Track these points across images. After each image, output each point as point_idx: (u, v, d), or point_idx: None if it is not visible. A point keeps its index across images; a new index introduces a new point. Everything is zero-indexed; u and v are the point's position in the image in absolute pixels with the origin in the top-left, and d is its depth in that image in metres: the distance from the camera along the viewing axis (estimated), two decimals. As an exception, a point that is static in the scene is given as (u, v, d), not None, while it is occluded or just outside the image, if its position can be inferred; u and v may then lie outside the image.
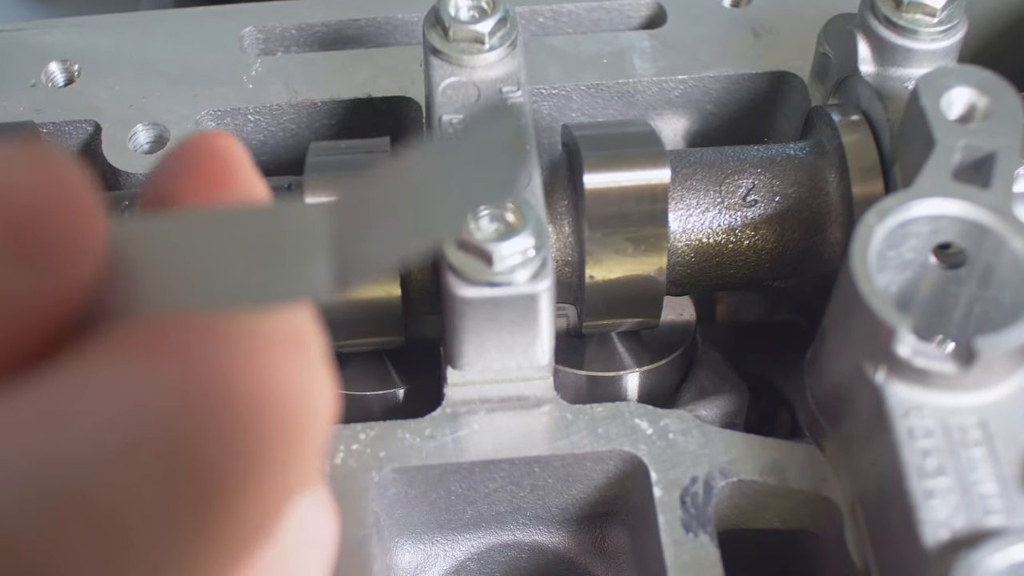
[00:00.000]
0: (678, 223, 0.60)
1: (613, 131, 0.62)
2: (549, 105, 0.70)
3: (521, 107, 0.29)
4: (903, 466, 0.47)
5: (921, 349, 0.48)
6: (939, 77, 0.55)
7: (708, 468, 0.54)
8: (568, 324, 0.64)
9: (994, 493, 0.46)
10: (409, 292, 0.59)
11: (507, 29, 0.60)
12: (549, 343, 0.55)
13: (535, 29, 0.75)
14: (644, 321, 0.62)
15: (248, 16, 0.74)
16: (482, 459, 0.55)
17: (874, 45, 0.61)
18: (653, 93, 0.70)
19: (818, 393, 0.55)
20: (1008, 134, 0.53)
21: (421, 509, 0.57)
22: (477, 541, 0.60)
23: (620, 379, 0.63)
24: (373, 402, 0.63)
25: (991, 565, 0.44)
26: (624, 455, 0.55)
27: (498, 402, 0.56)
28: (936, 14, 0.60)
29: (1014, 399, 0.48)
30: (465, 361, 0.56)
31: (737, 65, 0.70)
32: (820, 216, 0.61)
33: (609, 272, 0.59)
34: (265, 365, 0.28)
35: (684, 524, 0.52)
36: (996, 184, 0.52)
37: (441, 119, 0.58)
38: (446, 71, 0.60)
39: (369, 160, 0.59)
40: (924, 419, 0.48)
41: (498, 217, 0.52)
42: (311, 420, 0.29)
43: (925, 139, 0.53)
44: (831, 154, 0.61)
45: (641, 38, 0.71)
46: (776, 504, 0.55)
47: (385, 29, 0.75)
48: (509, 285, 0.51)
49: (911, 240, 0.52)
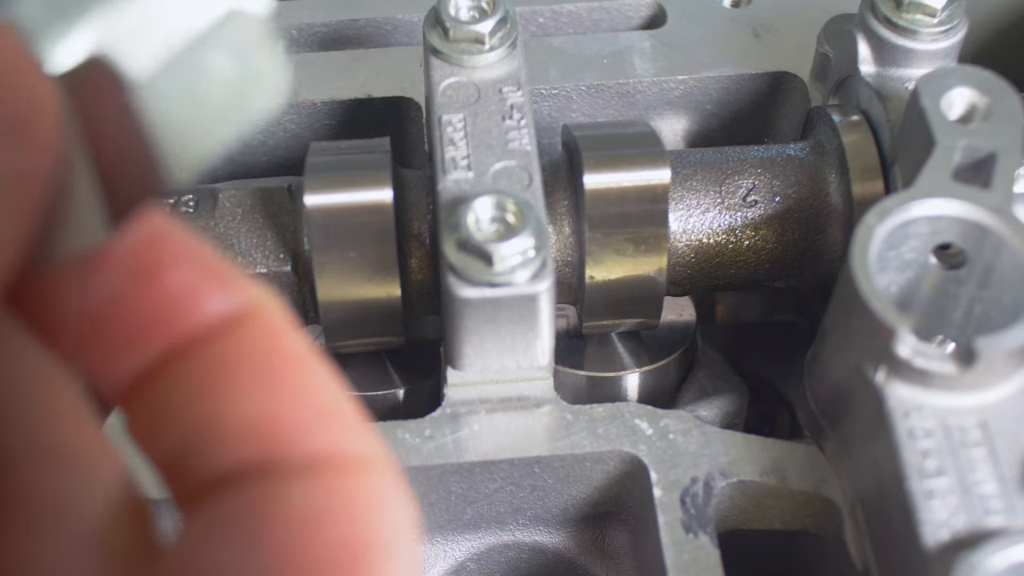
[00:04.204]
0: (678, 223, 0.60)
1: (613, 131, 0.62)
2: (549, 105, 0.70)
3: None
4: (903, 466, 0.47)
5: (921, 349, 0.48)
6: (939, 77, 0.55)
7: (708, 468, 0.54)
8: (568, 324, 0.64)
9: (994, 494, 0.46)
10: (409, 292, 0.59)
11: (507, 29, 0.60)
12: (549, 343, 0.55)
13: (535, 29, 0.75)
14: (644, 321, 0.62)
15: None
16: (482, 459, 0.55)
17: (874, 45, 0.61)
18: (653, 93, 0.70)
19: (818, 393, 0.55)
20: (1008, 134, 0.53)
21: (421, 509, 0.57)
22: (477, 541, 0.60)
23: (620, 379, 0.63)
24: (373, 402, 0.63)
25: (991, 566, 0.44)
26: (624, 455, 0.55)
27: (498, 402, 0.56)
28: (936, 14, 0.60)
29: (1014, 399, 0.48)
30: (465, 361, 0.56)
31: (737, 65, 0.70)
32: (820, 216, 0.61)
33: (609, 272, 0.59)
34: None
35: (684, 525, 0.52)
36: (996, 184, 0.52)
37: (441, 119, 0.58)
38: (446, 71, 0.60)
39: (369, 160, 0.59)
40: (924, 419, 0.48)
41: (498, 218, 0.53)
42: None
43: (925, 139, 0.53)
44: (831, 154, 0.61)
45: (641, 38, 0.71)
46: (776, 504, 0.55)
47: (385, 29, 0.75)
48: (509, 285, 0.51)
49: (911, 241, 0.52)
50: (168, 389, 0.29)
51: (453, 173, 0.56)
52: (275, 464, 0.29)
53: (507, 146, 0.57)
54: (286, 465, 0.29)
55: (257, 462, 0.29)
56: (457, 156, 0.56)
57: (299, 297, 0.60)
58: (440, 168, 0.56)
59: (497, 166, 0.56)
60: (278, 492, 0.28)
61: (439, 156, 0.56)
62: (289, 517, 0.28)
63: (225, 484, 0.28)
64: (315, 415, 0.29)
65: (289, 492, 0.28)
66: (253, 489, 0.28)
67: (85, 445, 0.28)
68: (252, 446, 0.29)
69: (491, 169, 0.56)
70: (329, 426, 0.30)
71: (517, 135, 0.57)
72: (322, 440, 0.29)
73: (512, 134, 0.57)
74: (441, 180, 0.55)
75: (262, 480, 0.28)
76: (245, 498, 0.28)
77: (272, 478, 0.28)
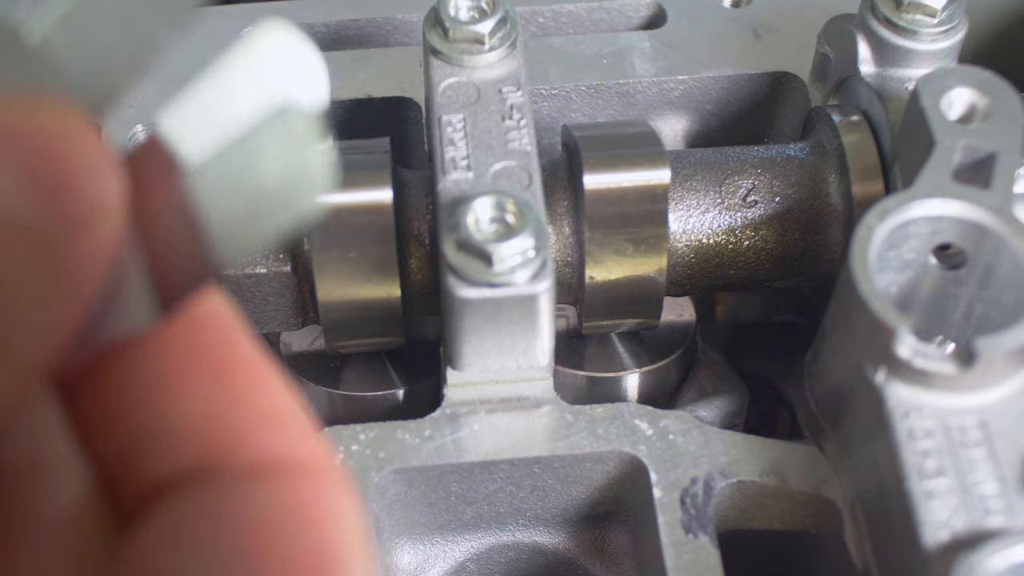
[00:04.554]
0: (678, 224, 0.60)
1: (613, 131, 0.62)
2: (549, 105, 0.70)
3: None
4: (903, 467, 0.47)
5: (921, 350, 0.48)
6: (939, 78, 0.55)
7: (708, 469, 0.54)
8: (568, 324, 0.64)
9: (994, 494, 0.46)
10: (409, 292, 0.59)
11: (507, 29, 0.60)
12: (549, 344, 0.55)
13: (535, 29, 0.75)
14: (644, 322, 0.62)
15: (248, 16, 0.74)
16: (482, 460, 0.55)
17: (874, 45, 0.61)
18: (653, 93, 0.70)
19: (818, 393, 0.55)
20: (1008, 134, 0.53)
21: (421, 510, 0.57)
22: (477, 542, 0.60)
23: (620, 380, 0.63)
24: (373, 403, 0.63)
25: (991, 566, 0.44)
26: (624, 456, 0.55)
27: (498, 403, 0.56)
28: (936, 14, 0.60)
29: (1014, 400, 0.48)
30: (465, 362, 0.56)
31: (737, 65, 0.70)
32: (820, 217, 0.61)
33: (609, 273, 0.59)
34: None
35: (684, 525, 0.52)
36: (996, 185, 0.52)
37: (441, 119, 0.58)
38: (446, 71, 0.60)
39: (369, 160, 0.59)
40: (924, 420, 0.48)
41: (498, 218, 0.53)
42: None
43: (925, 139, 0.53)
44: (831, 155, 0.61)
45: (641, 38, 0.71)
46: (776, 505, 0.55)
47: (385, 29, 0.75)
48: (509, 286, 0.51)
49: (911, 241, 0.52)
50: (113, 386, 0.29)
51: (453, 173, 0.56)
52: (222, 466, 0.29)
53: (507, 146, 0.57)
54: (234, 468, 0.29)
55: (203, 464, 0.29)
56: (457, 156, 0.56)
57: (299, 297, 0.60)
58: (440, 168, 0.56)
59: (497, 166, 0.56)
60: (233, 496, 0.28)
61: (439, 156, 0.56)
62: (247, 521, 0.28)
63: (174, 487, 0.28)
64: (263, 417, 0.29)
65: (243, 496, 0.28)
66: (208, 492, 0.28)
67: (58, 451, 0.28)
68: (197, 447, 0.29)
69: (491, 169, 0.56)
70: (278, 429, 0.30)
71: (517, 135, 0.57)
72: (270, 443, 0.29)
73: (512, 134, 0.57)
74: (441, 180, 0.55)
75: (215, 483, 0.28)
76: (202, 500, 0.28)
77: (223, 481, 0.28)
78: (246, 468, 0.29)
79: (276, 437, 0.29)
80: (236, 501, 0.28)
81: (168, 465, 0.29)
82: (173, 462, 0.29)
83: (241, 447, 0.29)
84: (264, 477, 0.29)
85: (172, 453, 0.29)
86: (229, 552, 0.28)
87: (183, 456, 0.29)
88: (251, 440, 0.29)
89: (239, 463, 0.29)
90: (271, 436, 0.29)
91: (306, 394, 0.64)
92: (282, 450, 0.29)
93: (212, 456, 0.29)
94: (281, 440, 0.29)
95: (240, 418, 0.29)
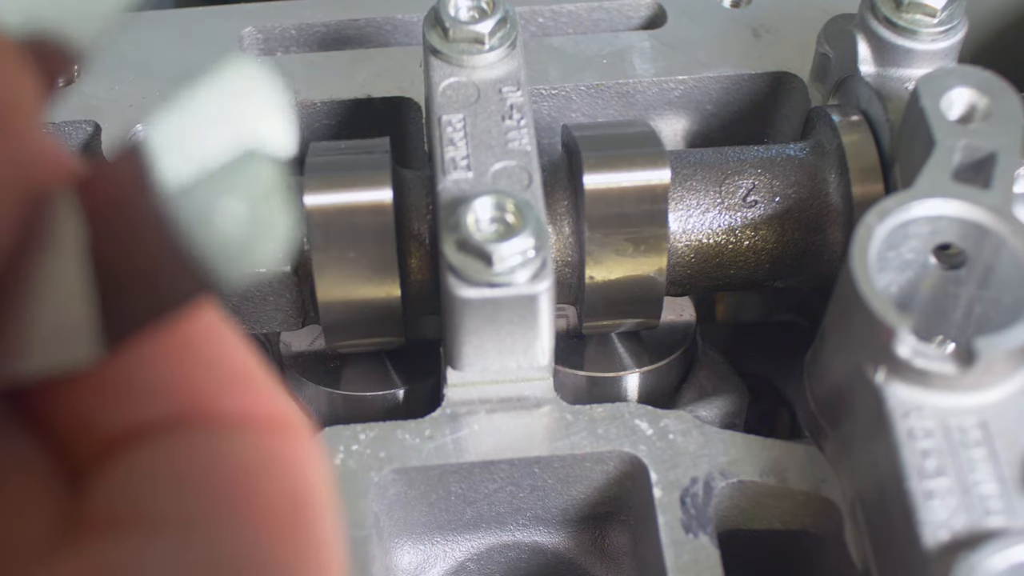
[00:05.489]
0: (678, 223, 0.60)
1: (613, 131, 0.62)
2: (549, 105, 0.70)
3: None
4: (903, 467, 0.47)
5: (921, 350, 0.48)
6: (939, 77, 0.55)
7: (708, 469, 0.54)
8: (568, 324, 0.64)
9: (994, 494, 0.46)
10: (409, 292, 0.59)
11: (507, 29, 0.60)
12: (549, 343, 0.55)
13: (535, 29, 0.75)
14: (644, 322, 0.62)
15: (248, 16, 0.74)
16: (482, 460, 0.55)
17: (874, 45, 0.61)
18: (653, 93, 0.70)
19: (818, 393, 0.55)
20: (1008, 134, 0.53)
21: (421, 510, 0.57)
22: (477, 542, 0.60)
23: (620, 380, 0.63)
24: (373, 402, 0.63)
25: (991, 566, 0.44)
26: (624, 456, 0.55)
27: (498, 403, 0.56)
28: (936, 14, 0.60)
29: (1014, 400, 0.48)
30: (465, 362, 0.56)
31: (737, 65, 0.70)
32: (820, 217, 0.61)
33: (609, 273, 0.59)
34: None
35: (684, 525, 0.52)
36: (996, 184, 0.52)
37: (441, 119, 0.58)
38: (446, 71, 0.60)
39: (369, 160, 0.59)
40: (924, 420, 0.48)
41: (498, 218, 0.53)
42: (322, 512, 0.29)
43: (925, 139, 0.53)
44: (831, 155, 0.61)
45: (641, 38, 0.71)
46: (776, 505, 0.55)
47: (385, 29, 0.75)
48: (509, 286, 0.51)
49: (911, 241, 0.52)
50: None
51: (453, 173, 0.56)
52: (193, 419, 0.29)
53: (507, 146, 0.57)
54: (207, 420, 0.29)
55: (173, 417, 0.29)
56: (457, 156, 0.56)
57: (299, 297, 0.60)
58: (440, 168, 0.56)
59: (497, 166, 0.56)
60: (208, 441, 0.29)
61: (439, 156, 0.56)
62: (221, 464, 0.28)
63: (143, 436, 0.28)
64: (229, 378, 0.30)
65: (219, 443, 0.29)
66: (182, 438, 0.28)
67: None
68: (166, 404, 0.29)
69: (491, 169, 0.56)
70: (247, 389, 0.30)
71: (517, 135, 0.57)
72: (239, 401, 0.30)
73: (512, 134, 0.57)
74: (441, 180, 0.55)
75: (188, 432, 0.29)
76: (176, 444, 0.28)
77: (197, 430, 0.29)
78: (219, 421, 0.29)
79: (247, 396, 0.30)
80: (212, 446, 0.29)
81: (132, 421, 0.29)
82: (138, 418, 0.29)
83: (210, 403, 0.29)
84: (238, 428, 0.29)
85: (136, 410, 0.29)
86: (204, 490, 0.28)
87: (149, 412, 0.29)
88: (218, 397, 0.29)
89: (212, 416, 0.29)
90: (242, 395, 0.30)
91: (306, 394, 0.64)
92: (254, 408, 0.30)
93: (181, 412, 0.29)
94: (252, 399, 0.30)
95: (206, 378, 0.29)
